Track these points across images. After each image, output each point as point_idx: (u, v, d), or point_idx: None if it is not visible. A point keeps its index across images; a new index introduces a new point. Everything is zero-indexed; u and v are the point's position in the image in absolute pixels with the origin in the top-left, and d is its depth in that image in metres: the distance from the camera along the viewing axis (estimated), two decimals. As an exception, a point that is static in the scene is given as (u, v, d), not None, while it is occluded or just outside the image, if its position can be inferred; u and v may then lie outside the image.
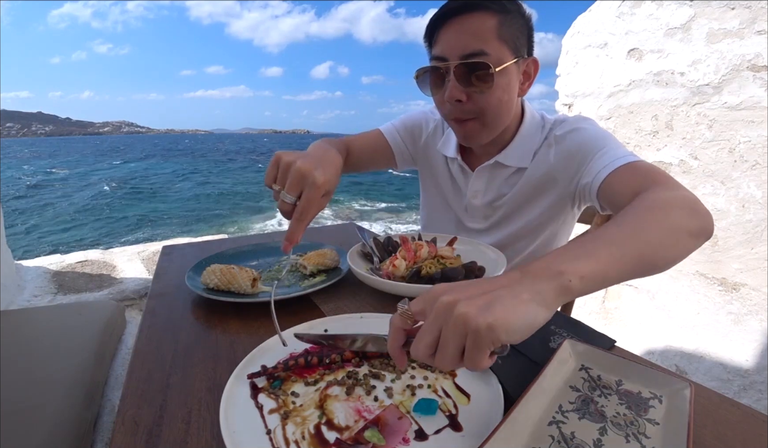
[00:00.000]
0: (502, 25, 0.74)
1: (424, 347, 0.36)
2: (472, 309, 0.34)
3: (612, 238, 0.44)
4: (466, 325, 0.33)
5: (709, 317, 1.66)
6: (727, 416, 0.44)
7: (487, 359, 0.34)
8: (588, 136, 0.79)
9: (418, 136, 1.04)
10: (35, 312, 1.43)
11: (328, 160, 0.63)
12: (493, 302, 0.34)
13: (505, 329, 0.33)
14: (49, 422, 0.87)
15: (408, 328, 0.39)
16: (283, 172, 0.57)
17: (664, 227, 0.48)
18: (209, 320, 0.67)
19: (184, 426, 0.43)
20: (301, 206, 0.56)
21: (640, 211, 0.51)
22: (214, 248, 1.04)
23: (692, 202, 0.55)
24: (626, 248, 0.43)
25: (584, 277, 0.38)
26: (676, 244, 0.49)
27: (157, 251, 2.63)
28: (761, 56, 1.46)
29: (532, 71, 0.83)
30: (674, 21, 1.71)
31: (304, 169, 0.55)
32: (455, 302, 0.35)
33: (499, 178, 0.90)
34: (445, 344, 0.35)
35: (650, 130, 1.84)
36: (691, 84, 1.67)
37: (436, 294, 0.37)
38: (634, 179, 0.66)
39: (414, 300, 0.39)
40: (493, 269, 0.76)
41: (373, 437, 0.40)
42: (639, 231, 0.46)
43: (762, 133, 1.48)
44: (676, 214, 0.51)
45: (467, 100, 0.77)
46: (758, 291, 1.54)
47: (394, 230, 11.20)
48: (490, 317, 0.33)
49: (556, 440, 0.38)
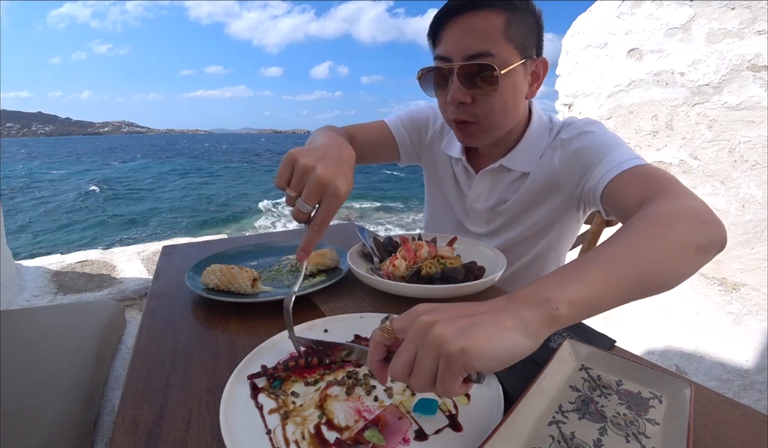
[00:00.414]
0: (509, 23, 0.71)
1: (401, 365, 0.35)
2: (448, 332, 0.33)
3: (608, 258, 0.41)
4: (440, 347, 0.32)
5: (709, 317, 1.66)
6: (727, 416, 0.44)
7: (459, 385, 0.33)
8: (594, 140, 0.76)
9: (425, 133, 1.01)
10: (35, 312, 1.43)
11: (346, 161, 0.56)
12: (472, 326, 0.33)
13: (478, 356, 0.31)
14: (49, 422, 0.87)
15: (388, 344, 0.39)
16: (300, 177, 0.50)
17: (667, 243, 0.45)
18: (209, 320, 0.67)
19: (184, 426, 0.43)
20: (320, 218, 0.50)
21: (641, 226, 0.47)
22: (214, 247, 1.04)
23: (701, 213, 0.50)
24: (623, 269, 0.41)
25: (573, 303, 0.36)
26: (681, 261, 0.45)
27: (157, 251, 2.63)
28: (761, 56, 1.46)
29: (541, 72, 0.79)
30: (674, 21, 1.71)
31: (325, 179, 0.49)
32: (433, 322, 0.34)
33: (503, 183, 0.88)
34: (419, 365, 0.34)
35: (650, 130, 1.84)
36: (691, 84, 1.67)
37: (417, 313, 0.36)
38: (640, 186, 0.62)
39: (397, 317, 0.38)
40: (493, 269, 0.76)
41: (373, 437, 0.40)
42: (639, 249, 0.43)
43: (762, 133, 1.48)
44: (682, 228, 0.47)
45: (471, 103, 0.75)
46: (758, 291, 1.54)
47: (391, 232, 11.18)
48: (464, 341, 0.32)
49: (556, 440, 0.38)
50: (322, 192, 0.50)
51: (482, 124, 0.77)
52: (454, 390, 0.33)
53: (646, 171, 0.65)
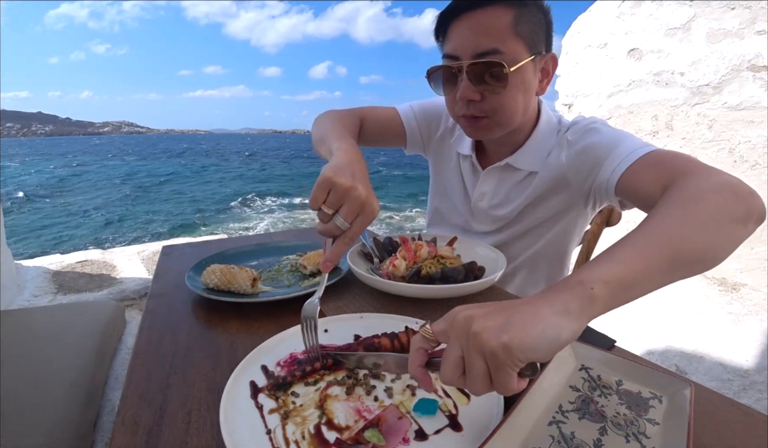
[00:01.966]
0: (518, 19, 0.70)
1: (450, 368, 0.35)
2: (488, 326, 0.32)
3: (638, 238, 0.41)
4: (483, 344, 0.32)
5: (709, 317, 1.66)
6: (727, 416, 0.44)
7: (515, 382, 0.33)
8: (602, 135, 0.75)
9: (435, 127, 1.01)
10: (35, 312, 1.44)
11: (365, 173, 0.58)
12: (510, 318, 0.33)
13: (522, 347, 0.31)
14: (49, 422, 0.87)
15: (429, 348, 0.39)
16: (340, 197, 0.52)
17: (701, 217, 0.44)
18: (209, 320, 0.67)
19: (184, 426, 0.43)
20: (353, 232, 0.53)
21: (670, 205, 0.46)
22: (214, 248, 1.04)
23: (732, 186, 0.49)
24: (657, 246, 0.40)
25: (608, 282, 0.36)
26: (717, 234, 0.44)
27: (157, 251, 2.63)
28: (761, 56, 1.46)
29: (550, 68, 0.79)
30: (674, 21, 1.71)
31: (364, 198, 0.52)
32: (471, 317, 0.34)
33: (509, 182, 0.87)
34: (470, 367, 0.33)
35: (650, 130, 1.84)
36: (691, 84, 1.67)
37: (455, 312, 0.36)
38: (660, 170, 0.60)
39: (435, 321, 0.38)
40: (493, 269, 0.76)
41: (373, 437, 0.40)
42: (672, 226, 0.42)
43: (762, 133, 1.48)
44: (715, 201, 0.46)
45: (480, 100, 0.74)
46: (758, 291, 1.54)
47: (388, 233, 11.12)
48: (505, 335, 0.31)
49: (556, 440, 0.38)
50: (361, 209, 0.52)
51: (494, 120, 0.77)
52: (512, 387, 0.33)
53: (662, 156, 0.63)
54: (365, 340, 0.54)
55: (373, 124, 0.97)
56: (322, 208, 0.53)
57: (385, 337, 0.54)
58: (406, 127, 1.00)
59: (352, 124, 0.89)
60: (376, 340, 0.54)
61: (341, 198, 0.52)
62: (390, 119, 1.00)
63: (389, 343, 0.54)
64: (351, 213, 0.52)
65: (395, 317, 0.63)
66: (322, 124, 0.82)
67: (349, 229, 0.53)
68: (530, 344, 0.31)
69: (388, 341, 0.54)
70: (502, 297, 0.75)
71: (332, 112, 0.92)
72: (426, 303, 0.71)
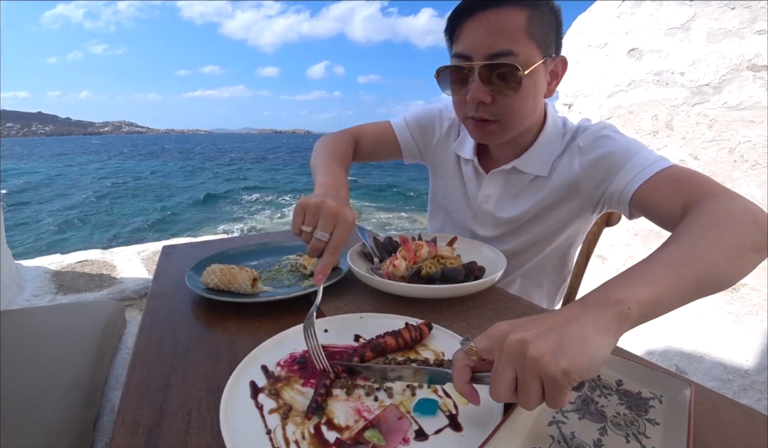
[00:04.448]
0: (531, 21, 0.68)
1: (503, 389, 0.36)
2: (544, 351, 0.34)
3: (670, 261, 0.44)
4: (542, 371, 0.33)
5: (709, 317, 1.66)
6: (727, 416, 0.44)
7: (568, 398, 0.35)
8: (616, 143, 0.75)
9: (431, 136, 1.01)
10: (35, 312, 1.43)
11: (343, 199, 0.64)
12: (561, 340, 0.34)
13: (579, 372, 0.33)
14: (49, 422, 0.87)
15: (472, 365, 0.40)
16: (313, 213, 0.59)
17: (726, 245, 0.46)
18: (209, 320, 0.67)
19: (184, 426, 0.43)
20: (334, 242, 0.58)
21: (698, 230, 0.49)
22: (214, 247, 1.04)
23: (753, 213, 0.52)
24: (685, 272, 0.42)
25: (643, 303, 0.38)
26: (739, 262, 0.47)
27: (157, 250, 2.63)
28: (761, 56, 1.46)
29: (560, 70, 0.78)
30: (674, 21, 1.71)
31: (335, 208, 0.58)
32: (525, 341, 0.35)
33: (515, 185, 0.86)
34: (525, 388, 0.35)
35: (650, 130, 1.84)
36: (691, 84, 1.67)
37: (502, 332, 0.37)
38: (679, 188, 0.62)
39: (477, 338, 0.39)
40: (493, 269, 0.76)
41: (373, 437, 0.40)
42: (699, 251, 0.45)
43: (762, 133, 1.48)
44: (738, 231, 0.48)
45: (491, 102, 0.73)
46: (758, 291, 1.53)
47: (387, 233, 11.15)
48: (564, 362, 0.33)
49: (556, 440, 0.38)
50: (335, 219, 0.59)
51: (502, 124, 0.76)
52: (564, 403, 0.35)
53: (681, 173, 0.65)
54: (371, 341, 0.54)
55: (368, 141, 1.00)
56: (303, 229, 0.59)
57: (389, 336, 0.55)
58: (400, 140, 1.01)
59: (343, 151, 0.92)
60: (381, 340, 0.54)
61: (315, 214, 0.59)
62: (384, 134, 1.02)
63: (394, 341, 0.54)
64: (327, 224, 0.58)
65: (395, 316, 0.63)
66: (316, 155, 0.88)
67: (330, 239, 0.58)
68: (585, 367, 0.33)
69: (392, 339, 0.54)
70: (502, 297, 0.75)
71: (328, 138, 0.95)
72: (426, 303, 0.71)
